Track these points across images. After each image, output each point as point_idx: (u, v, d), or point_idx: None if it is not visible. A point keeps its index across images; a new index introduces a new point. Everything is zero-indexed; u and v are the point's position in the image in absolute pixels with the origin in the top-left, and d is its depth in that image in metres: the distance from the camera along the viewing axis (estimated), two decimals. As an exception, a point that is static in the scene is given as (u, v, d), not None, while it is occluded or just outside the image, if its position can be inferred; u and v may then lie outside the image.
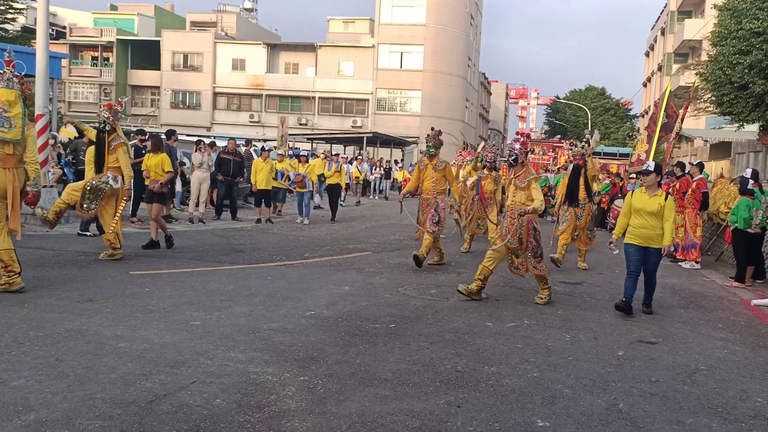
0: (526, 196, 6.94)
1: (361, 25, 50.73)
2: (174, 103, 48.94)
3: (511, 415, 3.83)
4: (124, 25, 51.43)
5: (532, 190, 6.92)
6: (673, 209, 6.68)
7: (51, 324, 5.11)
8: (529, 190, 6.93)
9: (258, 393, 3.92)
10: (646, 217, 6.65)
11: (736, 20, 16.21)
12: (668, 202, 6.64)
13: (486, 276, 6.90)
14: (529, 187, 6.94)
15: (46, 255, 8.24)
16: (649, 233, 6.66)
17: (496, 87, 75.67)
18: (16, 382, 3.87)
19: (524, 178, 7.01)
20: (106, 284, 6.73)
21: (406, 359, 4.74)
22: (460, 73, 47.34)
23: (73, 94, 49.71)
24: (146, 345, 4.71)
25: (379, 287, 7.39)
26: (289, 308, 6.10)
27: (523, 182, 6.99)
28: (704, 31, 22.61)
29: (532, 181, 7.00)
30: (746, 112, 16.71)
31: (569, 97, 55.52)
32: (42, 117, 11.15)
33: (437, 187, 8.94)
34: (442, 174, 8.99)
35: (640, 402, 4.18)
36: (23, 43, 25.14)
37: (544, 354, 5.10)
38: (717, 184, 13.25)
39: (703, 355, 5.40)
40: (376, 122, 44.48)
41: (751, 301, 7.91)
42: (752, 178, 9.37)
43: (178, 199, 15.20)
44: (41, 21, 11.38)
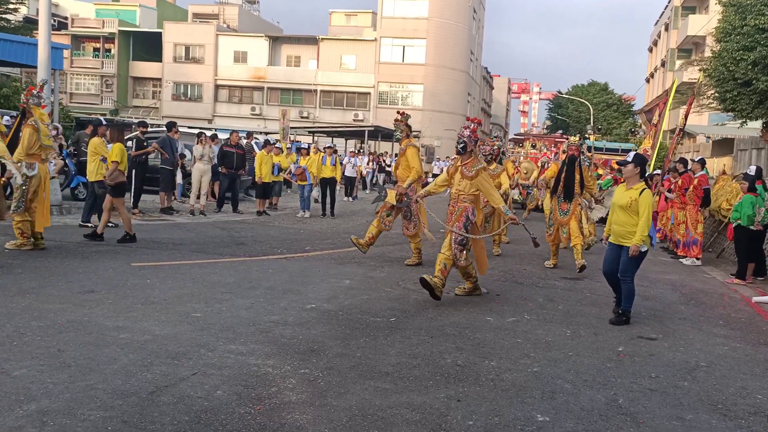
0: (472, 186, 6.58)
1: (364, 18, 50.57)
2: (175, 95, 48.86)
3: (511, 409, 3.83)
4: (126, 16, 51.30)
5: (488, 187, 6.60)
6: (647, 205, 5.92)
7: (53, 315, 5.12)
8: (478, 179, 6.53)
9: (259, 385, 3.93)
10: (618, 212, 6.12)
11: (741, 16, 16.13)
12: (642, 197, 5.94)
13: (447, 266, 6.52)
14: (477, 176, 6.54)
15: (47, 246, 8.25)
16: (620, 230, 6.09)
17: (498, 81, 75.52)
18: (17, 372, 3.88)
19: (471, 167, 6.60)
20: (107, 275, 6.74)
21: (407, 353, 4.75)
22: (463, 68, 47.22)
23: (74, 85, 49.62)
24: (147, 336, 4.72)
25: (379, 281, 7.40)
26: (290, 301, 6.11)
27: (470, 171, 6.59)
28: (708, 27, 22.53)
29: (480, 171, 6.56)
30: (749, 108, 16.66)
31: (571, 92, 55.35)
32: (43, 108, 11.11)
33: (404, 173, 8.54)
34: (404, 157, 8.62)
35: (640, 398, 4.19)
36: (25, 34, 25.08)
37: (545, 349, 5.10)
38: (719, 180, 13.24)
39: (704, 351, 5.40)
40: (377, 116, 44.37)
41: (751, 298, 7.92)
42: (756, 175, 9.36)
43: (179, 191, 15.21)
44: (43, 12, 11.35)
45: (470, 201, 6.64)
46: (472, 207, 6.65)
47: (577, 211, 9.00)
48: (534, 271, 8.82)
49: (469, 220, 6.59)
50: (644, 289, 8.08)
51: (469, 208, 6.62)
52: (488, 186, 6.65)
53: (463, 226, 6.57)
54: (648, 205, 5.94)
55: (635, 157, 6.18)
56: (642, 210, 5.92)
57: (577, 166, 9.04)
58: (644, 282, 8.66)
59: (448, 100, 45.40)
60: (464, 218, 6.59)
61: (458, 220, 6.62)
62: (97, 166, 10.12)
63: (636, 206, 5.94)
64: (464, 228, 6.56)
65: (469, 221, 6.60)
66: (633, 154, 6.30)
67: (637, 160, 6.13)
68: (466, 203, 6.63)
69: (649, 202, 5.96)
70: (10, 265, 6.92)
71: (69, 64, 46.60)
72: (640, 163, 6.13)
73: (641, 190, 5.99)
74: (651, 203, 5.98)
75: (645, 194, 5.98)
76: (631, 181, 6.10)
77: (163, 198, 13.02)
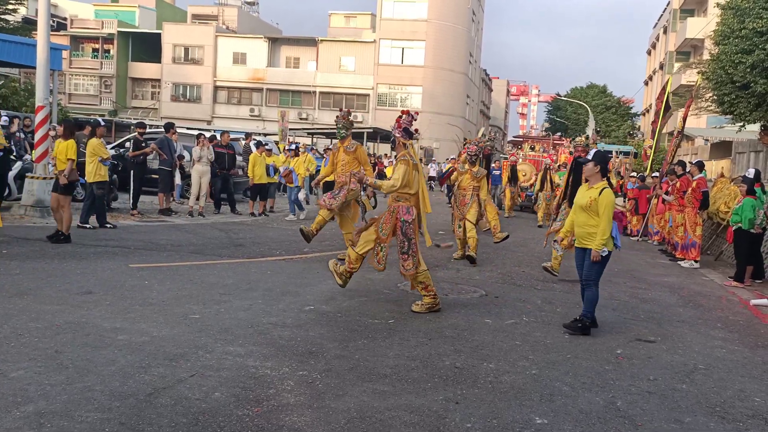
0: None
1: (363, 20, 50.60)
2: (174, 96, 48.85)
3: (510, 411, 3.83)
4: (125, 17, 51.30)
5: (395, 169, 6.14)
6: (606, 206, 5.59)
7: (50, 316, 5.11)
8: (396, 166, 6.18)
9: (257, 387, 3.92)
10: (578, 213, 5.84)
11: (739, 19, 16.16)
12: (602, 197, 5.62)
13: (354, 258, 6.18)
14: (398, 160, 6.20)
15: (45, 247, 8.24)
16: (581, 231, 5.81)
17: (497, 84, 75.59)
18: (15, 374, 3.87)
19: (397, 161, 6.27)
20: (105, 277, 6.72)
21: (405, 355, 4.74)
22: (462, 70, 47.26)
23: (73, 86, 49.59)
24: (145, 338, 4.71)
25: (378, 283, 7.39)
26: (288, 303, 6.10)
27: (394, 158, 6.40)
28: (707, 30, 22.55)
29: (398, 161, 6.18)
30: (748, 111, 16.68)
31: (570, 94, 55.43)
32: (42, 109, 11.12)
33: (348, 171, 8.33)
34: (354, 156, 8.51)
35: (639, 400, 4.19)
36: (24, 35, 25.07)
37: (543, 351, 5.10)
38: (717, 183, 13.25)
39: (702, 354, 5.40)
40: (376, 117, 44.38)
41: (750, 301, 7.92)
42: (754, 177, 9.37)
43: (177, 192, 15.20)
44: (42, 12, 11.33)
45: (405, 199, 6.13)
46: (406, 206, 6.13)
47: None
48: (532, 274, 8.82)
49: (406, 223, 6.07)
50: (642, 292, 8.09)
51: (403, 207, 6.13)
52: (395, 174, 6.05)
53: (402, 232, 6.06)
54: (607, 205, 5.62)
55: (595, 155, 5.97)
56: (602, 211, 5.61)
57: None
58: (642, 284, 8.67)
59: (447, 102, 45.44)
60: (399, 222, 6.10)
61: (397, 227, 6.11)
62: (96, 167, 10.11)
63: (596, 206, 5.63)
64: (403, 235, 6.05)
65: (408, 225, 6.06)
66: (593, 152, 6.15)
67: (597, 158, 5.87)
68: (401, 202, 6.15)
69: (609, 202, 5.64)
70: (7, 267, 6.90)
71: (68, 65, 46.60)
72: (600, 162, 5.82)
73: (601, 190, 5.67)
74: (611, 203, 5.66)
75: (605, 194, 5.65)
76: (593, 180, 5.81)
77: (162, 199, 13.01)
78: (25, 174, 11.45)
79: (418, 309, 6.09)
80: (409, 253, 6.04)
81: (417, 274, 6.07)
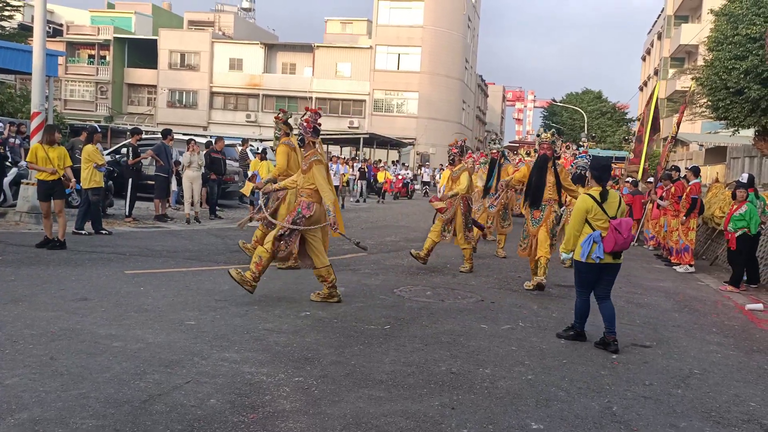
0: (306, 180, 6.36)
1: (359, 26, 50.75)
2: (170, 102, 48.86)
3: (506, 417, 3.83)
4: (121, 23, 51.34)
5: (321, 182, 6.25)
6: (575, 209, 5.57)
7: (45, 323, 5.10)
8: (311, 173, 6.30)
9: (252, 393, 3.92)
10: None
11: (733, 25, 16.29)
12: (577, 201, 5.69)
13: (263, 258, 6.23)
14: (310, 169, 6.31)
15: (40, 253, 8.21)
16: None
17: (493, 89, 75.82)
18: (10, 381, 3.86)
19: (308, 160, 6.37)
20: (100, 283, 6.71)
21: (401, 361, 4.74)
22: (457, 75, 47.43)
23: (69, 92, 49.57)
24: (140, 344, 4.70)
25: (374, 288, 7.39)
26: (284, 309, 6.09)
27: (305, 164, 6.40)
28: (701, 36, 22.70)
29: (314, 164, 6.30)
30: (742, 117, 16.79)
31: (566, 100, 55.63)
32: (38, 115, 11.11)
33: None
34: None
35: (634, 405, 4.19)
36: (20, 41, 25.03)
37: (539, 357, 5.11)
38: (712, 188, 13.31)
39: (697, 359, 5.42)
40: (372, 123, 44.49)
41: (745, 306, 7.95)
42: (748, 183, 9.41)
43: (173, 198, 15.18)
44: (38, 19, 11.34)
45: (307, 195, 6.31)
46: (308, 202, 6.30)
47: (550, 219, 7.95)
48: (528, 279, 8.82)
49: (300, 214, 6.28)
50: (638, 297, 8.10)
51: (304, 202, 6.31)
52: (321, 180, 6.26)
53: (293, 220, 6.27)
54: (575, 208, 5.57)
55: (592, 161, 6.10)
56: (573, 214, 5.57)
57: (550, 167, 7.92)
58: (638, 289, 8.69)
59: (443, 107, 45.57)
60: (295, 212, 6.33)
61: (290, 213, 6.42)
62: (91, 173, 10.10)
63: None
64: (293, 222, 6.25)
65: (300, 215, 6.27)
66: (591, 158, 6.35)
67: (593, 165, 5.85)
68: (303, 197, 6.35)
69: (577, 207, 5.56)
70: (2, 273, 6.88)
71: (64, 71, 46.57)
72: (594, 168, 5.72)
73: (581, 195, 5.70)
74: (578, 209, 5.51)
75: (578, 198, 5.65)
76: (590, 185, 5.78)
77: (158, 205, 12.99)
78: (20, 180, 11.43)
79: (315, 298, 6.43)
80: (284, 239, 6.22)
81: (318, 269, 6.34)
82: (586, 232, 5.42)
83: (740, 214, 9.15)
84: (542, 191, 7.89)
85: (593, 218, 5.42)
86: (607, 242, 5.34)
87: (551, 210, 7.96)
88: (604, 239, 5.34)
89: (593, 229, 5.40)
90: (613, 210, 5.46)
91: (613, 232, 5.33)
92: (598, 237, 5.36)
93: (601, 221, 5.40)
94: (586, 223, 5.44)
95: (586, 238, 5.38)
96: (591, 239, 5.37)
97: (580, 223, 5.45)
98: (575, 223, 5.47)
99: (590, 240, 5.37)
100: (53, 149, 8.89)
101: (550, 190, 7.91)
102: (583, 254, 5.40)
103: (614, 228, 5.34)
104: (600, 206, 5.41)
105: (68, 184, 9.03)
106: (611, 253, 5.39)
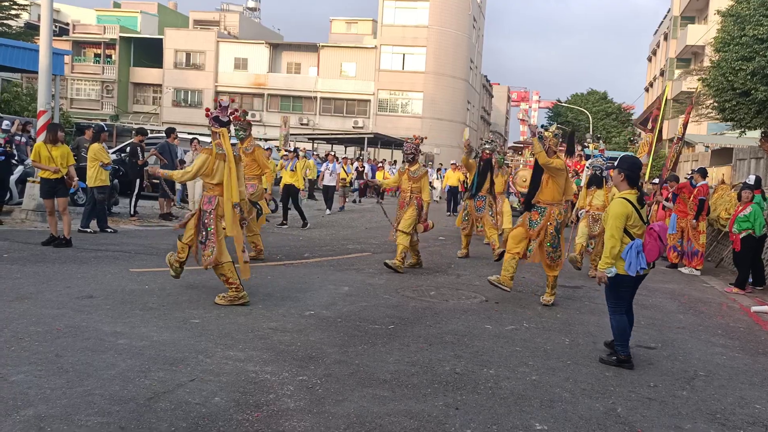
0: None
1: (364, 26, 50.76)
2: (176, 101, 48.96)
3: (510, 417, 3.83)
4: (127, 22, 51.50)
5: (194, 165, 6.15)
6: (613, 217, 4.91)
7: (51, 320, 5.12)
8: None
9: (256, 392, 3.92)
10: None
11: (740, 26, 16.21)
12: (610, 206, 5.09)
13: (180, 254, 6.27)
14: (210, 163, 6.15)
15: (46, 251, 8.25)
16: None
17: (497, 90, 75.73)
18: (15, 378, 3.87)
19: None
20: (106, 281, 6.73)
21: (405, 360, 4.74)
22: (462, 76, 47.37)
23: (75, 91, 49.74)
24: (145, 342, 4.71)
25: (378, 288, 7.39)
26: (289, 308, 6.10)
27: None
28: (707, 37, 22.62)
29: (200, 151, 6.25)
30: (748, 118, 16.71)
31: (571, 100, 55.54)
32: (44, 113, 11.15)
33: (249, 173, 8.35)
34: (252, 158, 8.45)
35: (639, 407, 4.18)
36: (26, 40, 25.16)
37: (543, 357, 5.10)
38: (718, 190, 13.26)
39: (702, 360, 5.40)
40: (377, 123, 44.49)
41: (750, 308, 7.92)
42: (755, 184, 9.37)
43: (178, 197, 15.22)
44: (45, 17, 11.38)
45: (209, 189, 6.17)
46: (209, 195, 6.15)
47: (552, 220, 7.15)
48: (533, 279, 8.82)
49: (203, 211, 6.13)
50: (643, 298, 8.08)
51: (206, 197, 6.18)
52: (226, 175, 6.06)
53: (203, 222, 6.13)
54: (612, 216, 4.92)
55: (621, 160, 5.21)
56: (608, 223, 4.96)
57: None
58: (643, 291, 8.64)
59: (448, 108, 45.53)
60: (200, 212, 6.18)
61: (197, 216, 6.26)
62: (97, 171, 10.13)
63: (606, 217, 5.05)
64: (203, 223, 6.13)
65: (204, 212, 6.11)
66: (620, 157, 5.42)
67: (622, 164, 5.13)
68: (205, 192, 6.27)
69: (614, 213, 4.91)
70: (8, 270, 6.91)
71: (70, 70, 46.76)
72: (625, 168, 5.09)
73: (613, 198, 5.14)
74: (616, 214, 4.89)
75: (612, 203, 5.06)
76: (620, 188, 5.22)
77: (162, 204, 13.02)
78: (26, 178, 11.47)
79: (221, 301, 6.03)
80: (206, 242, 6.02)
81: (219, 266, 5.99)
82: (623, 241, 4.92)
83: (745, 215, 9.12)
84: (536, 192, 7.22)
85: (631, 225, 4.92)
86: (649, 251, 4.89)
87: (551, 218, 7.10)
88: (644, 248, 4.89)
89: (631, 237, 4.92)
90: (644, 215, 5.03)
91: (656, 240, 4.90)
92: (641, 246, 4.89)
93: (637, 228, 4.94)
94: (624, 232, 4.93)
95: (627, 248, 4.87)
96: (636, 249, 4.85)
97: (621, 230, 4.89)
98: (616, 231, 4.88)
99: (634, 250, 4.85)
100: (56, 148, 8.92)
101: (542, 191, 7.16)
102: (632, 267, 4.85)
103: (657, 235, 4.91)
104: (637, 212, 4.93)
105: (70, 183, 9.05)
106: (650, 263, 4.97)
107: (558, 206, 7.08)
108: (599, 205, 9.40)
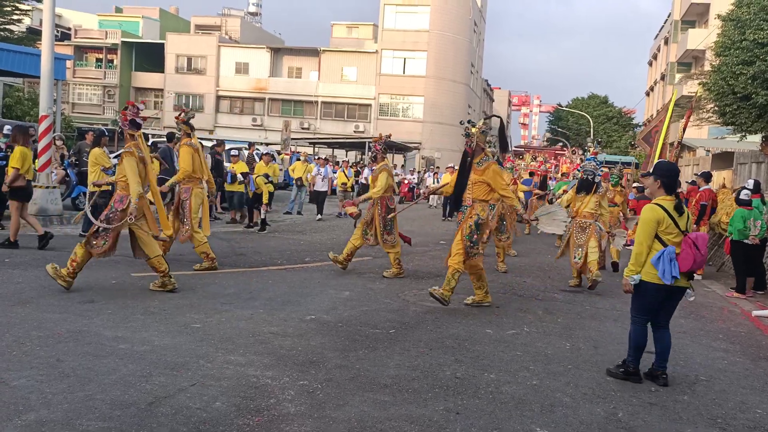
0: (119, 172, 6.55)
1: (365, 30, 50.87)
2: (177, 105, 48.99)
3: (510, 422, 3.83)
4: (128, 27, 51.62)
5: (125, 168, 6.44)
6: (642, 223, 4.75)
7: (52, 324, 5.12)
8: (121, 165, 6.47)
9: (257, 396, 3.93)
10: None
11: (740, 31, 16.25)
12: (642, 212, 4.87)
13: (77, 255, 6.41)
14: (122, 161, 6.47)
15: (47, 255, 8.25)
16: None
17: (498, 94, 75.85)
18: (17, 382, 3.88)
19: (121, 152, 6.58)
20: (107, 286, 6.74)
21: (406, 365, 4.74)
22: (463, 80, 47.43)
23: (77, 95, 49.83)
24: (147, 347, 4.72)
25: (379, 292, 7.39)
26: (290, 312, 6.10)
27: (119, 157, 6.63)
28: (708, 41, 22.67)
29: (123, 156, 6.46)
30: (749, 122, 16.75)
31: (572, 105, 55.63)
32: (46, 118, 11.19)
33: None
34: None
35: (640, 411, 4.18)
36: (28, 45, 25.23)
37: (544, 362, 5.10)
38: (719, 194, 13.25)
39: (703, 365, 5.40)
40: (378, 127, 44.43)
41: (751, 312, 7.91)
42: (754, 188, 9.38)
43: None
44: (47, 23, 11.43)
45: (121, 188, 6.51)
46: (122, 195, 6.50)
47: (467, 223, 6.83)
48: (534, 284, 8.82)
49: (113, 208, 6.47)
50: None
51: (118, 196, 6.53)
52: (129, 172, 6.38)
53: (107, 216, 6.45)
54: (641, 222, 4.73)
55: (657, 167, 4.94)
56: (638, 229, 4.77)
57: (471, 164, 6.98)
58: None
59: (449, 112, 45.52)
60: (109, 208, 6.53)
61: (106, 209, 6.58)
62: (98, 176, 10.14)
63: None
64: (107, 217, 6.44)
65: (114, 210, 6.46)
66: (656, 163, 5.18)
67: (658, 171, 4.85)
68: (117, 190, 6.59)
69: (643, 219, 4.73)
70: (10, 275, 6.92)
71: (71, 75, 46.82)
72: (662, 175, 4.80)
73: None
74: (645, 221, 4.70)
75: (643, 209, 4.83)
76: (656, 195, 4.89)
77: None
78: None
79: (153, 287, 6.60)
80: (101, 233, 6.39)
81: (151, 259, 6.51)
82: (654, 247, 4.70)
83: (731, 219, 9.26)
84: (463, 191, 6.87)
85: (664, 231, 4.67)
86: (683, 260, 4.62)
87: (473, 213, 6.77)
88: (678, 256, 4.64)
89: (664, 244, 4.67)
90: (684, 223, 4.73)
91: (691, 248, 4.62)
92: (673, 253, 4.64)
93: (672, 235, 4.67)
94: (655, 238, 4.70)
95: (658, 254, 4.63)
96: (667, 256, 4.60)
97: (650, 236, 4.67)
98: (645, 237, 4.67)
99: (666, 257, 4.60)
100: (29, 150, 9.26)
101: (470, 189, 6.82)
102: (665, 274, 4.59)
103: (692, 243, 4.64)
104: (673, 219, 4.67)
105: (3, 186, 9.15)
106: (686, 273, 4.68)
107: (481, 203, 6.80)
108: (587, 213, 8.74)
